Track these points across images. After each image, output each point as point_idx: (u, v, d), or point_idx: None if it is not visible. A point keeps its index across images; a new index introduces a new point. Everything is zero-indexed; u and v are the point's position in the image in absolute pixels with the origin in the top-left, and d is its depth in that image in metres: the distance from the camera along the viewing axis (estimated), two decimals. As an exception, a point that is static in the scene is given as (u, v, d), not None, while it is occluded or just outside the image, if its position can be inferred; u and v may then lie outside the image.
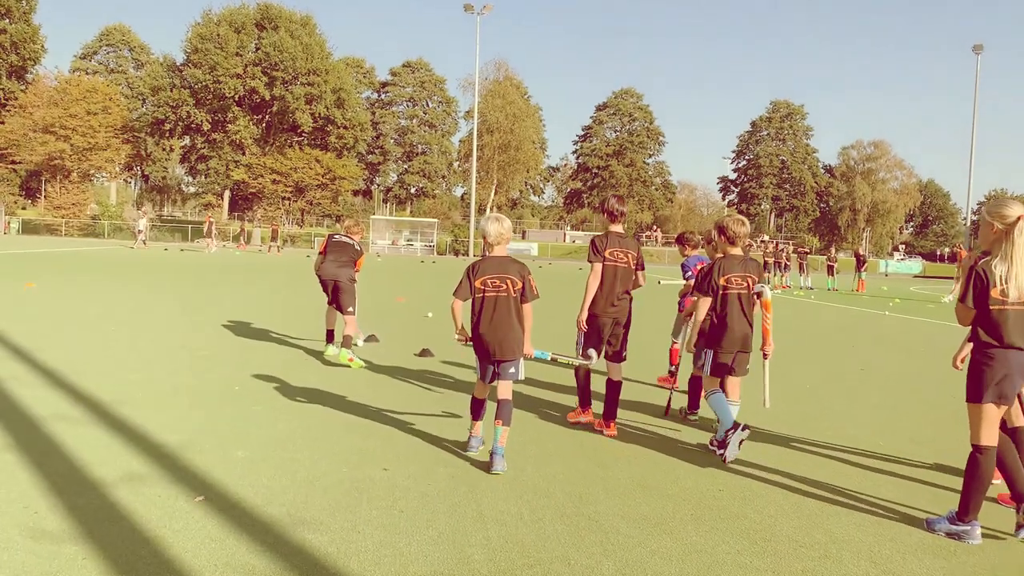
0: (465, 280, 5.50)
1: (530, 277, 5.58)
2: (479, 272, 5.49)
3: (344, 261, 9.73)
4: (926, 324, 17.77)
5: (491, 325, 5.40)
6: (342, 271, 9.65)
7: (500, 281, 5.45)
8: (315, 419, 6.35)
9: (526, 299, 5.51)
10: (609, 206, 6.62)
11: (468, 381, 8.27)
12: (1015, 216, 4.18)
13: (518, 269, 5.54)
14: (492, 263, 5.53)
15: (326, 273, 9.65)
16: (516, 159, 62.25)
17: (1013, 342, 4.22)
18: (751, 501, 4.78)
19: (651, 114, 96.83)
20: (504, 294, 5.44)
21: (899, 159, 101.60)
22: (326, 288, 9.69)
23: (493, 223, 5.58)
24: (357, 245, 9.99)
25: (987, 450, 4.30)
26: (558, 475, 5.14)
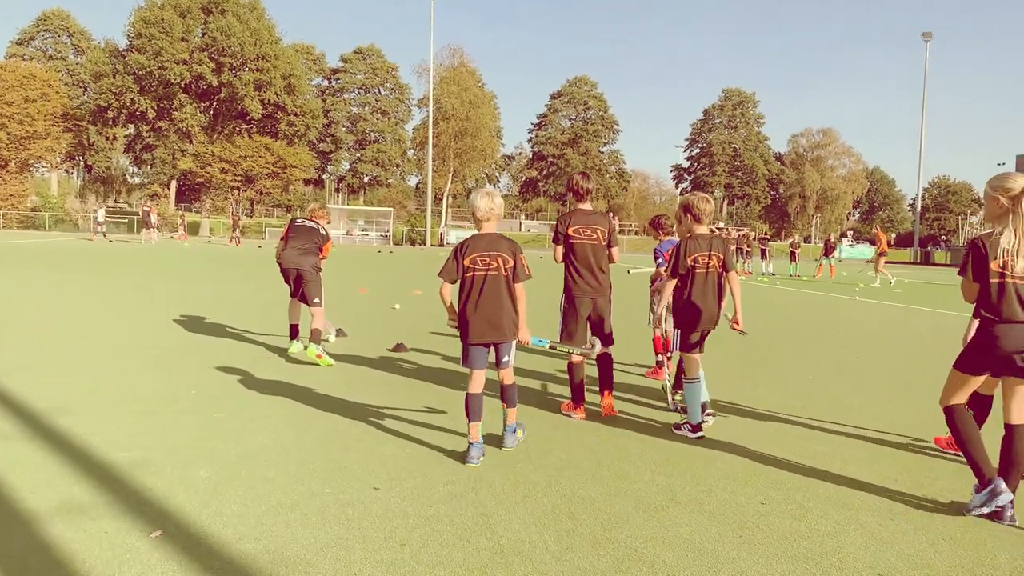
0: (452, 260, 5.12)
1: (522, 256, 5.20)
2: (468, 250, 5.11)
3: (307, 248, 8.87)
4: (898, 308, 17.49)
5: (482, 306, 5.03)
6: (305, 259, 8.80)
7: (490, 259, 5.07)
8: (287, 428, 5.59)
9: (518, 278, 5.14)
10: (575, 184, 6.45)
11: (450, 374, 7.57)
12: (1019, 188, 4.14)
13: (509, 246, 5.17)
14: (482, 240, 5.15)
15: (287, 261, 8.79)
16: (473, 146, 61.06)
17: (1013, 316, 4.16)
18: (802, 517, 4.16)
19: (605, 102, 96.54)
20: (495, 272, 5.07)
21: (847, 146, 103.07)
22: (288, 278, 8.86)
23: (483, 198, 5.19)
24: (322, 230, 9.14)
25: (957, 408, 4.37)
26: (576, 490, 4.47)
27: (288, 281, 8.88)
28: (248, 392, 6.70)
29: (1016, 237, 4.15)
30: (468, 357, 5.12)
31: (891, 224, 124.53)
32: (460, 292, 5.15)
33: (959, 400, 4.41)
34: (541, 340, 5.69)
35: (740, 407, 6.77)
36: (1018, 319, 4.16)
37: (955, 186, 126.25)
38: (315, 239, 8.97)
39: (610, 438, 5.63)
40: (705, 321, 5.89)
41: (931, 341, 11.91)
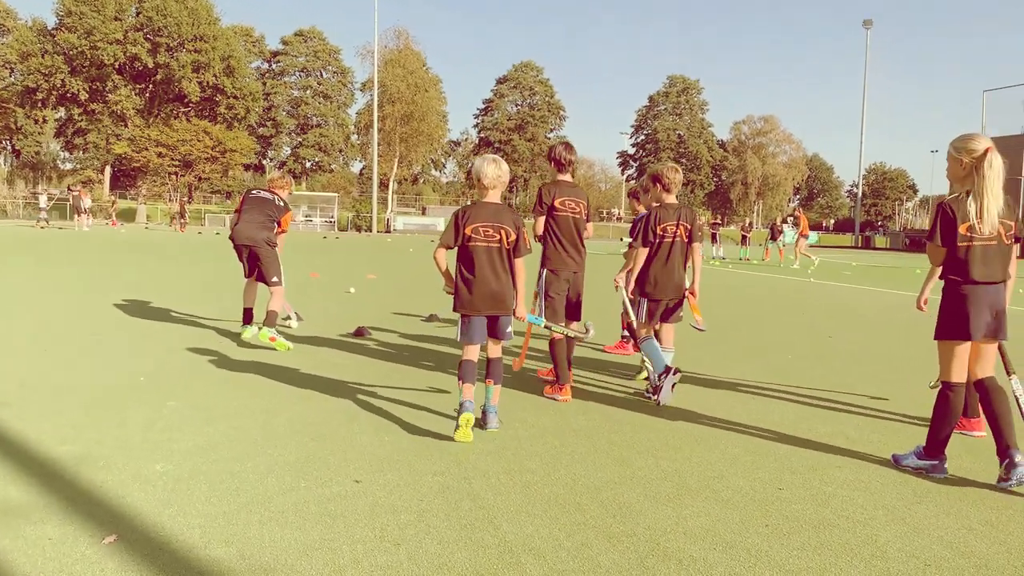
0: (452, 227, 4.91)
1: (524, 229, 5.03)
2: (470, 218, 4.89)
3: (261, 221, 8.16)
4: (853, 289, 17.52)
5: (482, 278, 4.83)
6: (259, 233, 8.11)
7: (494, 230, 4.88)
8: (248, 418, 5.09)
9: (519, 252, 4.97)
10: (557, 154, 6.19)
11: (416, 357, 7.12)
12: (983, 149, 4.12)
13: (513, 218, 4.99)
14: (486, 209, 4.93)
15: (240, 236, 8.09)
16: (419, 130, 59.95)
17: (980, 277, 4.18)
18: (825, 503, 3.84)
19: (552, 88, 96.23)
20: (497, 245, 4.89)
21: (787, 133, 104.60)
22: (241, 255, 8.21)
23: (491, 164, 4.98)
24: (279, 201, 8.40)
25: (956, 387, 4.26)
26: (578, 479, 4.08)
27: (242, 259, 8.25)
28: (202, 380, 6.16)
29: (981, 200, 4.13)
30: (467, 330, 4.90)
31: (830, 210, 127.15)
32: (459, 261, 4.93)
33: (959, 375, 4.29)
34: (538, 318, 5.56)
35: (728, 386, 6.49)
36: (985, 280, 4.19)
37: (891, 173, 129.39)
38: (270, 211, 8.27)
39: (603, 422, 5.26)
40: (670, 291, 5.95)
41: (894, 319, 11.84)
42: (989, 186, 4.12)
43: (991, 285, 4.22)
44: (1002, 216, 4.19)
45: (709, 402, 5.90)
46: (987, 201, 4.12)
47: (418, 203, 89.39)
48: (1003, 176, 4.15)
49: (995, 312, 4.24)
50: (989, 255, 4.20)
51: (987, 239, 4.17)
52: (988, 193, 4.12)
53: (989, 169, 4.10)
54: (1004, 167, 4.16)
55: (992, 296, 4.23)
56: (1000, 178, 4.14)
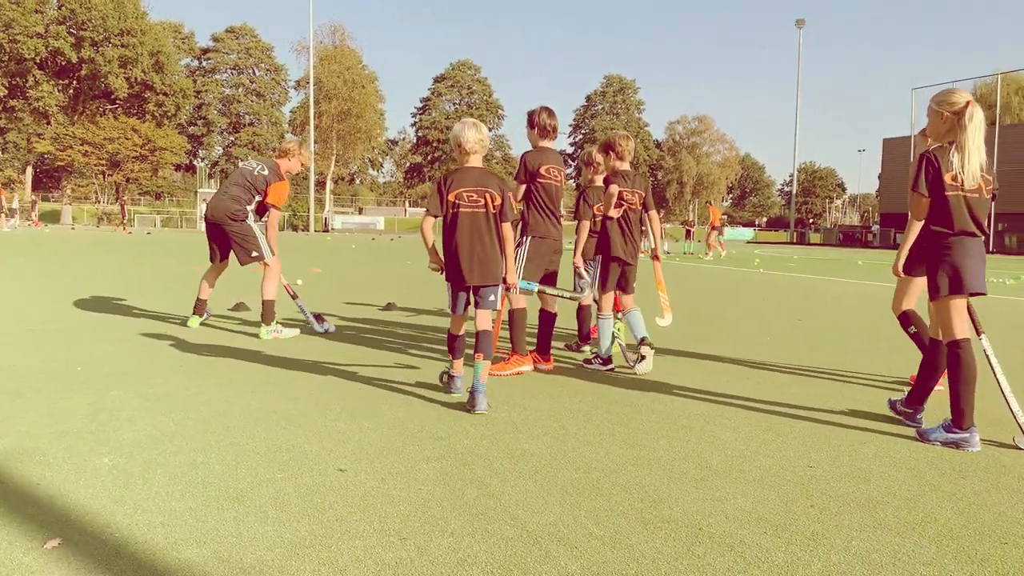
0: (436, 195, 4.77)
1: (509, 193, 4.90)
2: (454, 184, 4.74)
3: (234, 194, 6.95)
4: (802, 278, 17.51)
5: (467, 245, 4.69)
6: (226, 205, 6.91)
7: (478, 195, 4.71)
8: (204, 406, 4.53)
9: (505, 217, 4.81)
10: (540, 120, 5.85)
11: (380, 342, 6.60)
12: (963, 102, 4.12)
13: (497, 182, 4.83)
14: (469, 174, 4.77)
15: (209, 211, 7.08)
16: (357, 127, 58.82)
17: (967, 228, 4.13)
18: (866, 479, 3.48)
19: (490, 87, 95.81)
20: (482, 210, 4.73)
21: (721, 133, 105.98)
22: (210, 236, 7.20)
23: (471, 128, 4.82)
24: (262, 168, 7.15)
25: (964, 343, 4.12)
26: (591, 463, 3.64)
27: (210, 242, 7.23)
28: (152, 368, 5.56)
29: (960, 152, 4.11)
30: (453, 302, 4.84)
31: (762, 208, 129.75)
32: (444, 229, 4.78)
33: (962, 331, 4.15)
34: (530, 284, 5.44)
35: (716, 366, 6.16)
36: (971, 232, 4.14)
37: (821, 172, 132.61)
38: (246, 179, 7.04)
39: (599, 403, 4.84)
40: (627, 256, 5.96)
41: (850, 304, 11.72)
42: (971, 137, 4.09)
43: (976, 237, 4.18)
44: (983, 170, 4.17)
45: (703, 381, 5.53)
46: (970, 152, 4.10)
47: (355, 203, 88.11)
48: (984, 129, 4.16)
49: (981, 265, 4.19)
50: (973, 207, 4.16)
51: (971, 191, 4.14)
52: (971, 144, 4.10)
53: (970, 122, 4.08)
54: (984, 121, 4.18)
55: (978, 249, 4.19)
56: (982, 131, 4.14)
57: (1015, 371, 5.57)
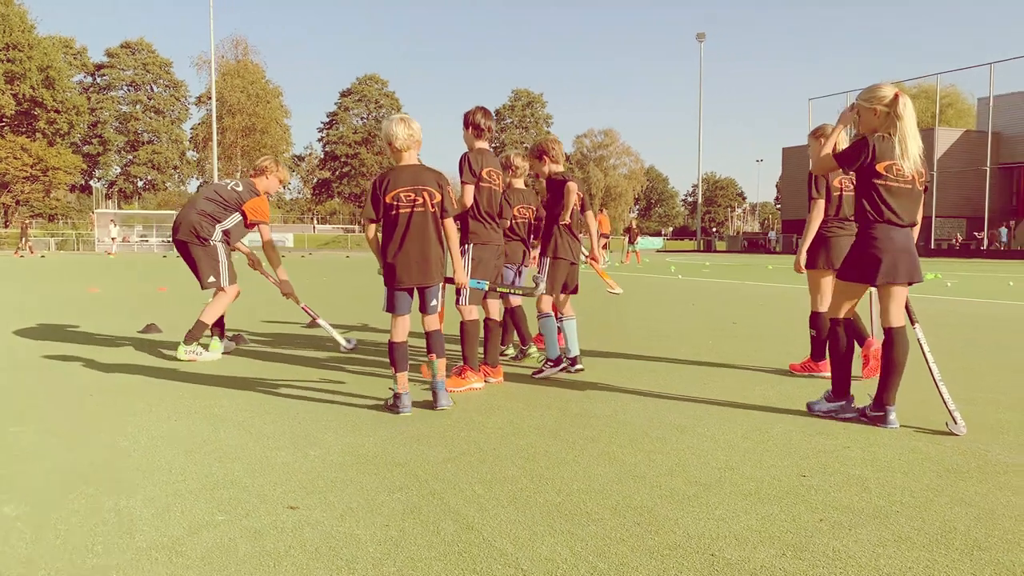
0: (371, 198, 4.55)
1: (449, 187, 4.71)
2: (389, 185, 4.52)
3: (202, 209, 6.45)
4: (720, 283, 17.66)
5: (407, 247, 4.49)
6: (192, 218, 6.41)
7: (415, 194, 4.52)
8: (123, 439, 4.00)
9: (447, 213, 4.63)
10: (474, 119, 5.54)
11: (308, 360, 6.12)
12: (892, 94, 4.21)
13: (435, 178, 4.63)
14: (404, 173, 4.56)
15: (175, 227, 6.56)
16: (262, 143, 57.16)
17: (895, 219, 4.21)
18: (866, 487, 3.23)
19: (398, 101, 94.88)
20: (421, 209, 4.53)
21: (627, 146, 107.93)
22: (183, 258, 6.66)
23: (399, 124, 4.56)
24: (236, 185, 6.71)
25: (839, 323, 4.42)
26: (570, 483, 3.29)
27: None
28: (51, 400, 4.95)
29: (900, 142, 4.17)
30: (392, 303, 4.58)
31: (667, 218, 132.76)
32: (384, 232, 4.58)
33: (846, 311, 4.44)
34: (480, 282, 5.19)
35: (670, 369, 5.90)
36: (899, 222, 4.22)
37: (722, 182, 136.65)
38: (218, 195, 6.56)
39: (562, 417, 4.51)
40: (573, 255, 5.89)
41: (774, 304, 11.77)
42: (909, 125, 4.17)
43: (904, 228, 4.25)
44: (919, 161, 4.24)
45: (662, 385, 5.27)
46: (909, 141, 4.17)
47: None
48: (915, 118, 4.25)
49: (910, 254, 4.26)
50: (903, 197, 4.23)
51: (904, 181, 4.20)
52: (907, 133, 4.17)
53: (904, 110, 4.17)
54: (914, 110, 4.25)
55: (905, 239, 4.26)
56: (914, 120, 4.22)
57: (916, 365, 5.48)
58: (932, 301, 12.35)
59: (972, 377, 5.76)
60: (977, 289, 15.74)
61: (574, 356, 5.93)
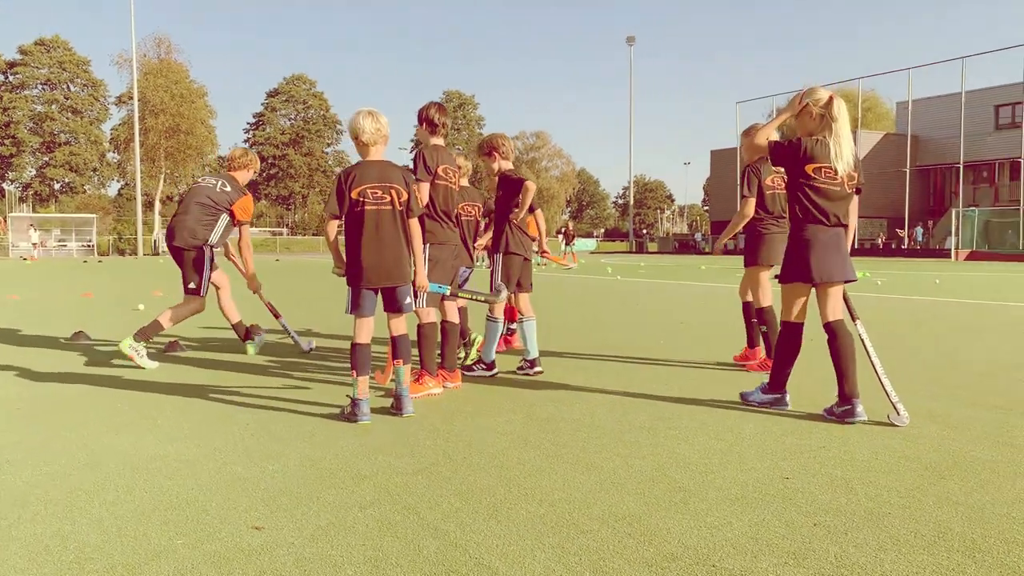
0: (336, 193, 4.39)
1: (415, 187, 4.65)
2: (356, 180, 4.35)
3: (195, 215, 6.43)
4: (658, 283, 17.80)
5: (375, 246, 4.34)
6: (192, 227, 6.39)
7: (383, 191, 4.37)
8: (64, 455, 3.70)
9: (412, 213, 4.50)
10: (429, 115, 5.34)
11: (253, 367, 5.84)
12: (827, 96, 4.30)
13: (403, 175, 4.50)
14: (372, 169, 4.41)
15: (169, 233, 6.52)
16: (187, 144, 55.46)
17: (825, 219, 4.31)
18: (852, 489, 3.16)
19: (327, 102, 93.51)
20: (388, 207, 4.38)
21: (558, 148, 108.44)
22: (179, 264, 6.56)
23: (367, 117, 4.41)
24: (224, 185, 6.62)
25: (795, 326, 4.48)
26: (551, 492, 3.13)
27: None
28: (-23, 414, 4.58)
29: (835, 144, 4.25)
30: (357, 303, 4.40)
31: (599, 220, 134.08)
32: (348, 229, 4.42)
33: (797, 314, 4.48)
34: (441, 286, 5.07)
35: (631, 369, 5.82)
36: (830, 223, 4.32)
37: (651, 184, 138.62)
38: (209, 198, 6.50)
39: (529, 422, 4.35)
40: (525, 250, 5.89)
41: (716, 304, 11.85)
42: (843, 127, 4.27)
43: (835, 228, 4.35)
44: (853, 164, 4.33)
45: (623, 384, 5.19)
46: (843, 142, 4.26)
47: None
48: (849, 121, 4.33)
49: (840, 254, 4.37)
50: (832, 198, 4.31)
51: (833, 182, 4.28)
52: (840, 135, 4.26)
53: (839, 112, 4.26)
54: (847, 112, 4.36)
55: (837, 239, 4.36)
56: (848, 122, 4.32)
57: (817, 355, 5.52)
58: (867, 299, 12.61)
59: (930, 374, 5.82)
60: (908, 287, 16.19)
61: (533, 359, 5.81)
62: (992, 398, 4.92)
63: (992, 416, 4.43)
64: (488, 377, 5.75)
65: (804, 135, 4.37)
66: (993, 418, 4.39)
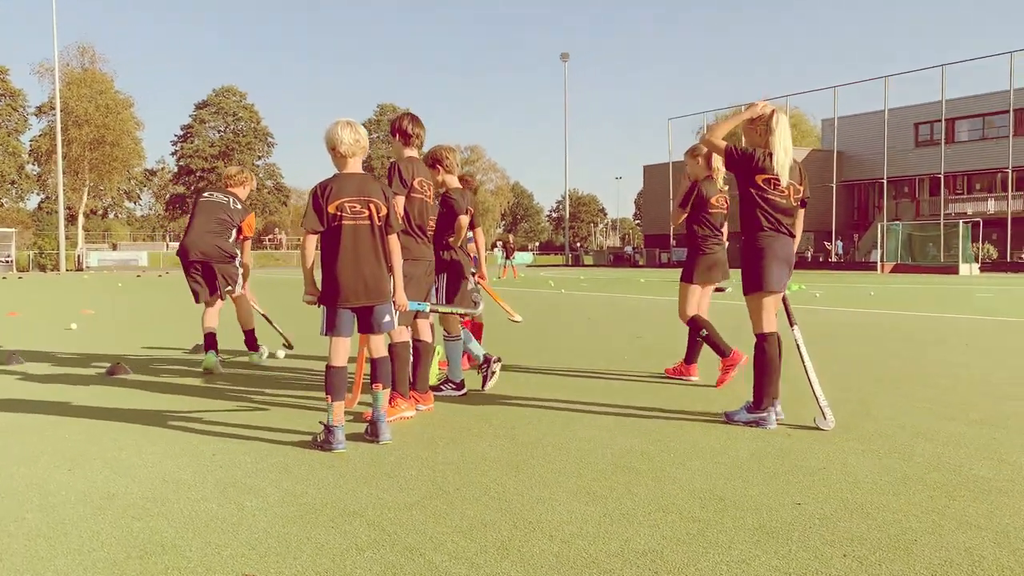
0: (312, 207, 4.13)
1: (394, 201, 4.42)
2: (333, 194, 4.12)
3: (215, 229, 6.81)
4: (603, 296, 17.78)
5: (353, 262, 4.10)
6: (215, 242, 6.77)
7: (361, 205, 4.14)
8: (11, 498, 3.35)
9: (392, 229, 4.28)
10: (402, 126, 5.13)
11: (211, 393, 5.50)
12: (770, 110, 4.52)
13: (382, 189, 4.30)
14: (350, 182, 4.18)
15: (193, 248, 6.67)
16: (113, 156, 53.61)
17: (779, 228, 4.50)
18: (868, 514, 3.05)
19: (257, 114, 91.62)
20: (366, 222, 4.16)
21: (493, 162, 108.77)
22: (190, 272, 6.76)
23: (345, 128, 4.18)
24: (235, 203, 7.04)
25: (770, 336, 4.51)
26: (561, 525, 2.94)
27: (192, 278, 6.77)
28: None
29: (775, 154, 4.44)
30: (334, 323, 4.15)
31: (533, 233, 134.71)
32: (324, 246, 4.18)
33: (769, 326, 4.54)
34: (421, 304, 4.94)
35: (598, 380, 5.65)
36: (780, 230, 4.50)
37: (584, 198, 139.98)
38: (225, 215, 6.90)
39: (516, 448, 4.15)
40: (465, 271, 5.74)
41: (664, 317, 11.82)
42: (780, 140, 4.45)
43: (784, 237, 4.52)
44: (794, 175, 4.53)
45: (603, 397, 5.00)
46: (780, 153, 4.44)
47: (108, 239, 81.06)
48: (790, 134, 4.53)
49: (788, 264, 4.53)
50: (783, 209, 4.51)
51: (781, 194, 4.47)
52: (780, 146, 4.45)
53: (777, 125, 4.46)
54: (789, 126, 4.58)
55: (786, 248, 4.52)
56: (788, 134, 4.51)
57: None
58: (809, 311, 12.77)
59: (901, 388, 5.81)
60: (844, 299, 16.50)
61: (460, 380, 5.68)
62: (970, 413, 4.91)
63: (977, 432, 4.41)
64: (458, 396, 5.55)
65: (752, 147, 4.54)
66: (979, 433, 4.37)
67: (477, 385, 5.86)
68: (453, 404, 5.35)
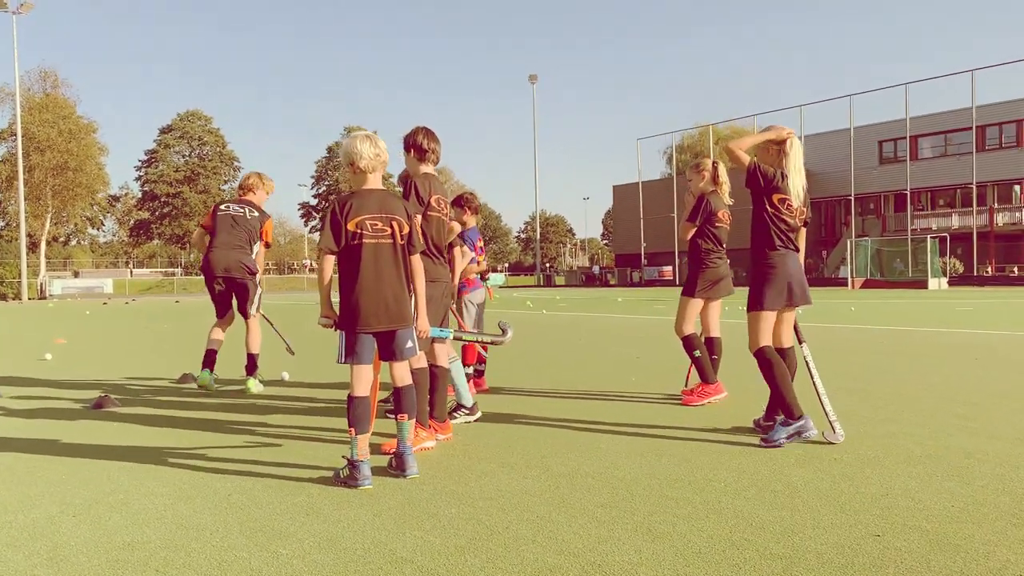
0: (330, 224, 3.87)
1: (416, 219, 4.31)
2: (353, 211, 3.86)
3: (240, 245, 6.84)
4: (584, 316, 17.62)
5: (374, 284, 3.84)
6: (240, 259, 6.81)
7: (383, 223, 3.90)
8: (17, 554, 3.04)
9: (414, 248, 4.05)
10: (416, 141, 4.97)
11: (200, 422, 5.19)
12: (787, 132, 4.62)
13: (404, 206, 4.07)
14: (371, 198, 3.93)
15: (218, 263, 6.68)
16: (76, 182, 52.63)
17: (790, 246, 4.61)
18: (963, 544, 2.86)
19: (223, 138, 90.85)
20: (388, 241, 3.92)
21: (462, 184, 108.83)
22: (212, 288, 6.81)
23: (365, 142, 3.94)
24: (252, 211, 6.99)
25: (768, 348, 4.55)
26: (622, 566, 2.70)
27: (213, 294, 6.93)
28: None
29: (788, 177, 4.56)
30: (353, 349, 3.85)
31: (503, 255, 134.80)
32: (342, 266, 3.92)
33: (766, 340, 4.57)
34: (443, 331, 4.75)
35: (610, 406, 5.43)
36: (789, 247, 4.61)
37: (552, 219, 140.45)
38: (248, 228, 6.90)
39: (549, 478, 3.90)
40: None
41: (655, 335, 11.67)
42: (794, 164, 4.57)
43: (793, 253, 4.64)
44: (802, 196, 4.64)
45: (627, 417, 4.79)
46: (795, 176, 4.57)
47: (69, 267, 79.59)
48: (803, 156, 4.65)
49: (799, 280, 4.62)
50: (793, 228, 4.62)
51: (791, 214, 4.59)
52: (794, 169, 4.57)
53: (791, 149, 4.58)
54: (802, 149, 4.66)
55: (796, 265, 4.63)
56: (801, 159, 4.62)
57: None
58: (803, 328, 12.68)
59: (927, 405, 5.66)
60: (828, 316, 16.48)
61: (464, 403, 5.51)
62: (1008, 430, 4.77)
63: (1020, 451, 4.25)
64: (474, 421, 5.34)
65: (765, 164, 4.62)
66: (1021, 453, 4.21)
67: (487, 407, 5.61)
68: (470, 431, 5.11)
